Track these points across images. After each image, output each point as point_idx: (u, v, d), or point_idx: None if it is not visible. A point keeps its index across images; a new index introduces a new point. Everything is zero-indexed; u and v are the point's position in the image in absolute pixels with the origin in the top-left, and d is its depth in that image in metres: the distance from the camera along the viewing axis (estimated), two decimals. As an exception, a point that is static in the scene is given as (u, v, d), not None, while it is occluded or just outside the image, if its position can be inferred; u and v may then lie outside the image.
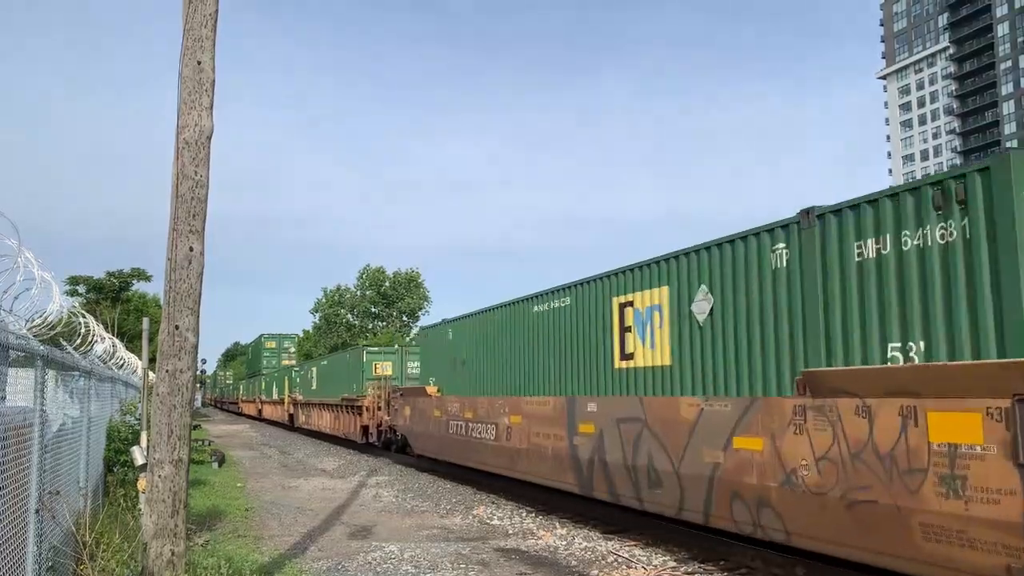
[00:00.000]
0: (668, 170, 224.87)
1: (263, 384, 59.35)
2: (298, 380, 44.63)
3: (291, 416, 44.45)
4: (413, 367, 28.24)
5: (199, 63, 7.06)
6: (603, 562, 10.46)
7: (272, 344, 70.04)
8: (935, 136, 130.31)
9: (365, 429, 28.20)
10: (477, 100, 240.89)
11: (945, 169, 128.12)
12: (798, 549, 8.58)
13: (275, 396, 51.87)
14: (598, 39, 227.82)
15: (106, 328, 16.17)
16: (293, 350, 70.25)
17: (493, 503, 16.07)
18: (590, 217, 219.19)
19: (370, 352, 30.57)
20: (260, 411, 59.08)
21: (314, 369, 40.61)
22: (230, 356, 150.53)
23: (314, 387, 39.07)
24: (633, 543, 11.58)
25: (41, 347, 6.34)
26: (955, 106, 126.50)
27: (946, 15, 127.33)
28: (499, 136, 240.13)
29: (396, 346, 30.11)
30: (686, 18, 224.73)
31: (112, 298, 64.73)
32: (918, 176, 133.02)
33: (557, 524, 13.38)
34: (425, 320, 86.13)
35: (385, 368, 29.31)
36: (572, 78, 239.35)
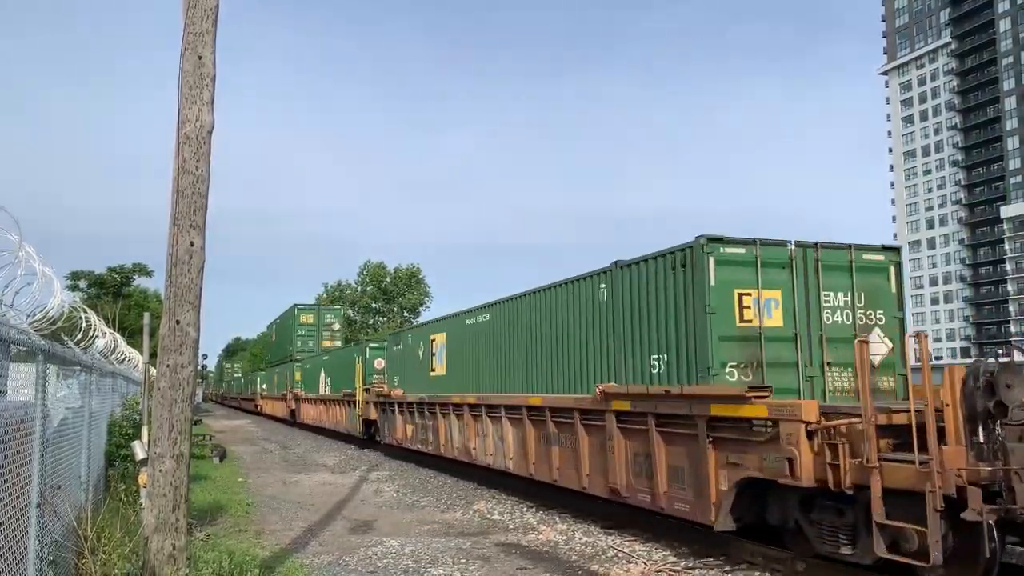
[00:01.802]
0: (667, 167, 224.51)
1: (298, 374, 43.53)
2: (374, 365, 28.37)
3: (370, 424, 27.94)
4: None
5: (200, 58, 7.05)
6: (603, 557, 10.48)
7: (309, 319, 50.08)
8: (936, 132, 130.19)
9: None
10: (478, 95, 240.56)
11: (945, 165, 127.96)
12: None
13: (325, 391, 35.91)
14: (599, 34, 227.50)
15: (107, 323, 16.16)
16: (337, 327, 50.86)
17: (494, 498, 16.08)
18: (590, 214, 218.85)
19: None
20: (295, 412, 43.55)
21: (440, 340, 20.61)
22: (231, 351, 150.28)
23: (440, 371, 20.54)
24: (633, 538, 11.59)
25: (42, 342, 6.34)
26: (956, 102, 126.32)
27: (948, 11, 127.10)
28: (500, 131, 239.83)
29: None
30: (686, 14, 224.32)
31: (113, 293, 64.59)
32: (919, 172, 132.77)
33: (558, 519, 13.40)
34: (426, 316, 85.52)
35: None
36: (573, 74, 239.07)
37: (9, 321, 5.79)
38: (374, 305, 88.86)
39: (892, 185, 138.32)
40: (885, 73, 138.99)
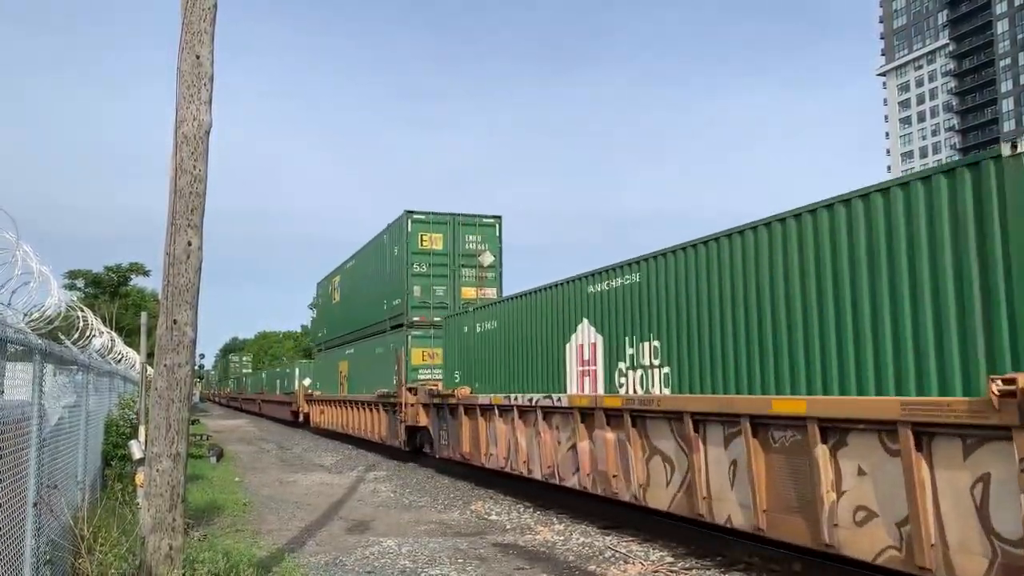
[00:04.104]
0: (665, 165, 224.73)
1: (421, 355, 22.79)
2: None
3: None
4: None
5: (198, 57, 7.04)
6: (600, 557, 10.48)
7: (436, 241, 23.37)
8: (934, 133, 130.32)
9: None
10: (476, 93, 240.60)
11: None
12: (796, 546, 8.59)
13: (654, 387, 10.78)
14: (596, 31, 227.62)
15: (104, 323, 16.16)
16: (491, 261, 23.50)
17: (491, 498, 16.09)
18: (588, 212, 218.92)
19: None
20: (431, 435, 20.07)
21: None
22: (228, 350, 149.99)
23: None
24: (631, 538, 11.60)
25: (39, 341, 6.33)
26: (954, 103, 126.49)
27: (946, 12, 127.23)
28: (498, 131, 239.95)
29: None
30: (682, 14, 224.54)
31: (110, 293, 64.66)
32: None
33: (555, 519, 13.40)
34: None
35: None
36: (571, 72, 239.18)
37: (6, 320, 5.78)
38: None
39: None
40: (883, 74, 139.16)
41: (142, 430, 12.11)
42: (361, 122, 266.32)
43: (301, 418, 40.34)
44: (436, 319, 22.00)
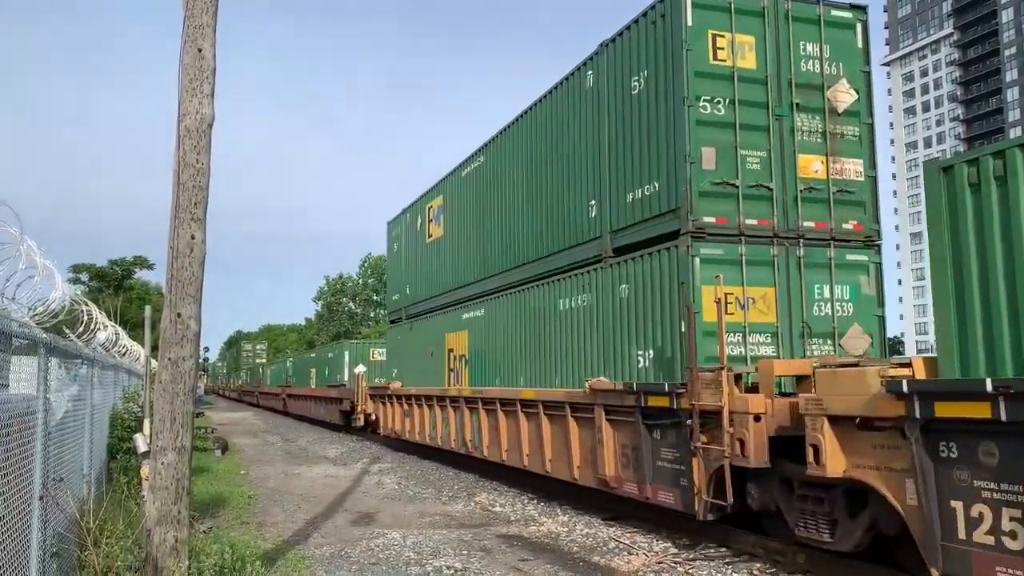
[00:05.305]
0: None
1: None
2: None
3: None
4: None
5: (200, 51, 7.04)
6: (604, 548, 10.51)
7: (744, 49, 10.78)
8: (939, 123, 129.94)
9: None
10: (479, 87, 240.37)
11: (948, 156, 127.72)
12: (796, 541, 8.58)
13: None
14: (598, 26, 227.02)
15: (108, 316, 16.17)
16: (851, 107, 11.24)
17: (495, 490, 16.12)
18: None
19: None
20: None
21: None
22: (231, 343, 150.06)
23: None
24: (634, 529, 11.62)
25: (44, 335, 6.36)
26: (959, 93, 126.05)
27: (950, 1, 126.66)
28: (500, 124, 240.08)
29: None
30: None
31: (115, 286, 64.67)
32: (921, 164, 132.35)
33: (559, 511, 13.43)
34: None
35: None
36: (572, 66, 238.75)
37: (11, 314, 5.80)
38: (375, 297, 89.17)
39: (894, 176, 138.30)
40: (887, 64, 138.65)
41: (147, 423, 12.14)
42: (366, 117, 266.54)
43: (360, 422, 28.99)
44: (751, 222, 10.61)
